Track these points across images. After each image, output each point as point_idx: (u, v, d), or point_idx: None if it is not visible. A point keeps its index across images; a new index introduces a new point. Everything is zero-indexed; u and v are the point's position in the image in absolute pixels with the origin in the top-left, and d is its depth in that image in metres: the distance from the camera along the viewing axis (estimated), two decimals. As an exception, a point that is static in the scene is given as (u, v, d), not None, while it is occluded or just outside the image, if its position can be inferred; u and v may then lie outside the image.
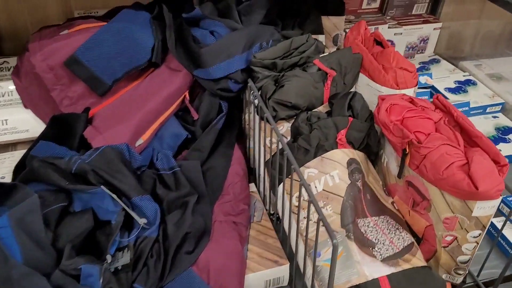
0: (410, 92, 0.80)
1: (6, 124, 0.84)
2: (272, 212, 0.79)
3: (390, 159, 0.72)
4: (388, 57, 0.82)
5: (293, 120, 0.74)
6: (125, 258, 0.61)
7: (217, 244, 0.69)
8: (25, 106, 0.85)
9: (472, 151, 0.62)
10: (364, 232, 0.62)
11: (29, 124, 0.85)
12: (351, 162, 0.66)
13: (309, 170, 0.67)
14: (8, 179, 0.78)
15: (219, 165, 0.79)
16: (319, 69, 0.78)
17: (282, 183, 0.70)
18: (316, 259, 0.62)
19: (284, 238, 0.72)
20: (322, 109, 0.77)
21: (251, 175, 0.86)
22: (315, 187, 0.66)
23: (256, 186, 0.84)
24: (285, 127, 0.75)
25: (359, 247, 0.60)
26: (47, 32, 0.84)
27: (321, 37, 1.02)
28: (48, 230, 0.62)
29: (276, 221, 0.78)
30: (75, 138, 0.76)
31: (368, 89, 0.83)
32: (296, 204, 0.67)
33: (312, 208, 0.65)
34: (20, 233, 0.60)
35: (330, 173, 0.66)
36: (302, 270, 0.64)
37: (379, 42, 0.88)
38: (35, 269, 0.57)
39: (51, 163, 0.70)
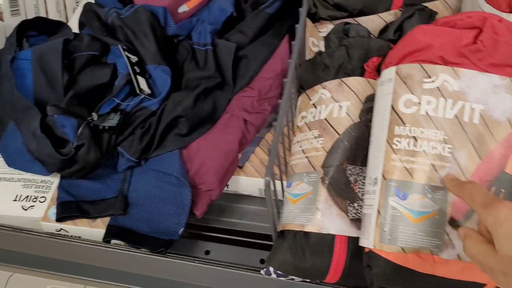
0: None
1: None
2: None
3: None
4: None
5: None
6: (113, 120, 0.62)
7: (214, 136, 0.66)
8: None
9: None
10: (352, 181, 0.51)
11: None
12: (371, 98, 0.52)
13: (323, 92, 0.56)
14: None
15: (257, 54, 0.71)
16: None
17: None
18: (286, 189, 0.56)
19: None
20: (386, 17, 0.60)
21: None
22: (319, 112, 0.55)
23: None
24: (328, 29, 0.61)
25: (332, 196, 0.51)
26: None
27: None
28: (66, 74, 0.66)
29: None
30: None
31: (471, 5, 0.61)
32: (299, 124, 0.58)
33: (307, 135, 0.56)
34: (37, 69, 0.65)
35: (340, 103, 0.54)
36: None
37: None
38: (42, 106, 0.62)
39: (94, 11, 0.72)
